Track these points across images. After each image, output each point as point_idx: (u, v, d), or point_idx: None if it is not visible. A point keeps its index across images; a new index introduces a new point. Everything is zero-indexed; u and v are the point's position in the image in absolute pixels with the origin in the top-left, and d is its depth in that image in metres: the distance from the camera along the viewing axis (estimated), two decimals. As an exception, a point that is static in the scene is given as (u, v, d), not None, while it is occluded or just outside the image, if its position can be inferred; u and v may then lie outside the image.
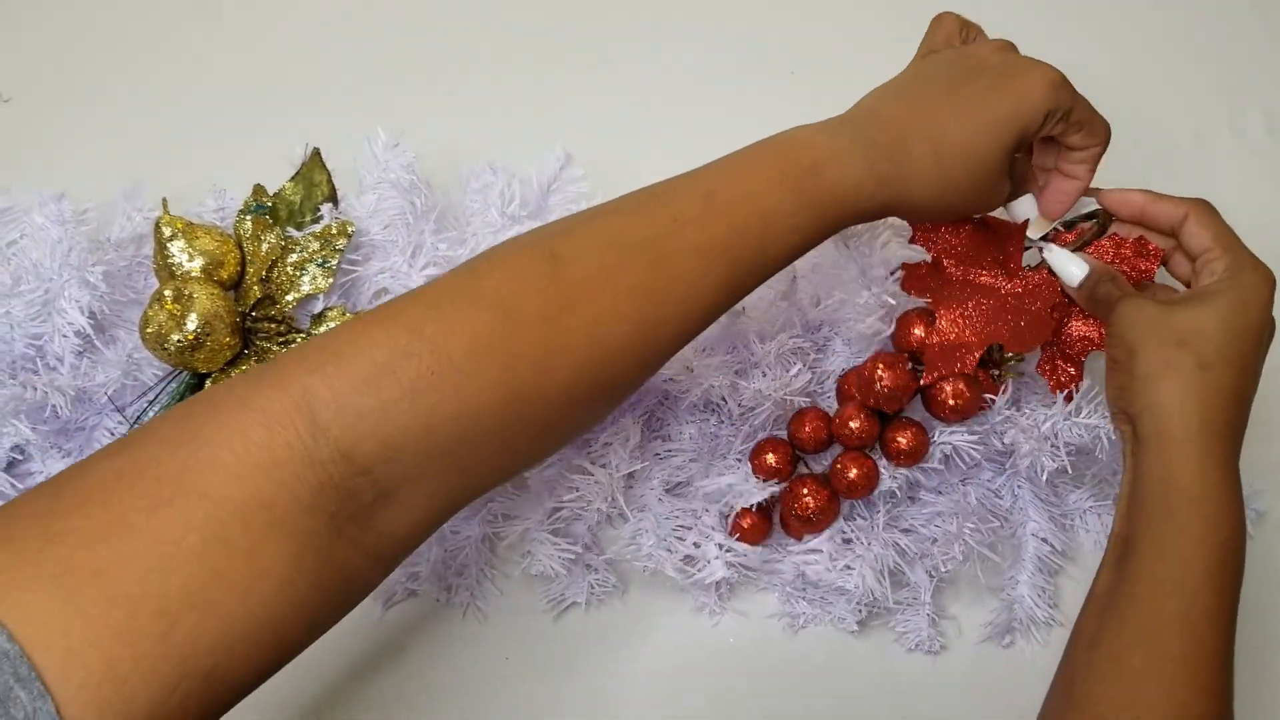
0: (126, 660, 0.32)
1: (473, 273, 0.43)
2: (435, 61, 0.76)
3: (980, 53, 0.53)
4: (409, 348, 0.39)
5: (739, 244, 0.46)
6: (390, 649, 0.63)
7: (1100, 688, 0.47)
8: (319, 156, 0.64)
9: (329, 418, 0.37)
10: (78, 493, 0.35)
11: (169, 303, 0.58)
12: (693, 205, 0.46)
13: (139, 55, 0.76)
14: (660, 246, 0.45)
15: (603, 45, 0.77)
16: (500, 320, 0.41)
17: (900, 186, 0.49)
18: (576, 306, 0.42)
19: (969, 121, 0.50)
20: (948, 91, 0.51)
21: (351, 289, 0.63)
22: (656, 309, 0.44)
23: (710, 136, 0.72)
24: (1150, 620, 0.47)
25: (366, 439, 0.38)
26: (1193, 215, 0.54)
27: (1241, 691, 0.50)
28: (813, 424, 0.60)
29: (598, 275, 0.43)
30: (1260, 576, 0.66)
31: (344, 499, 0.38)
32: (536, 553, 0.59)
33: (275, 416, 0.37)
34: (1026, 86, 0.50)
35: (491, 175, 0.65)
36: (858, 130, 0.50)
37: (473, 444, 0.41)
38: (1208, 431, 0.48)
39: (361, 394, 0.38)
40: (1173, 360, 0.49)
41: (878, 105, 0.52)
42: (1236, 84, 0.77)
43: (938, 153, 0.49)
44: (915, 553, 0.61)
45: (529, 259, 0.44)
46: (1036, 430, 0.56)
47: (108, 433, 0.62)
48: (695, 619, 0.64)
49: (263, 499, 0.36)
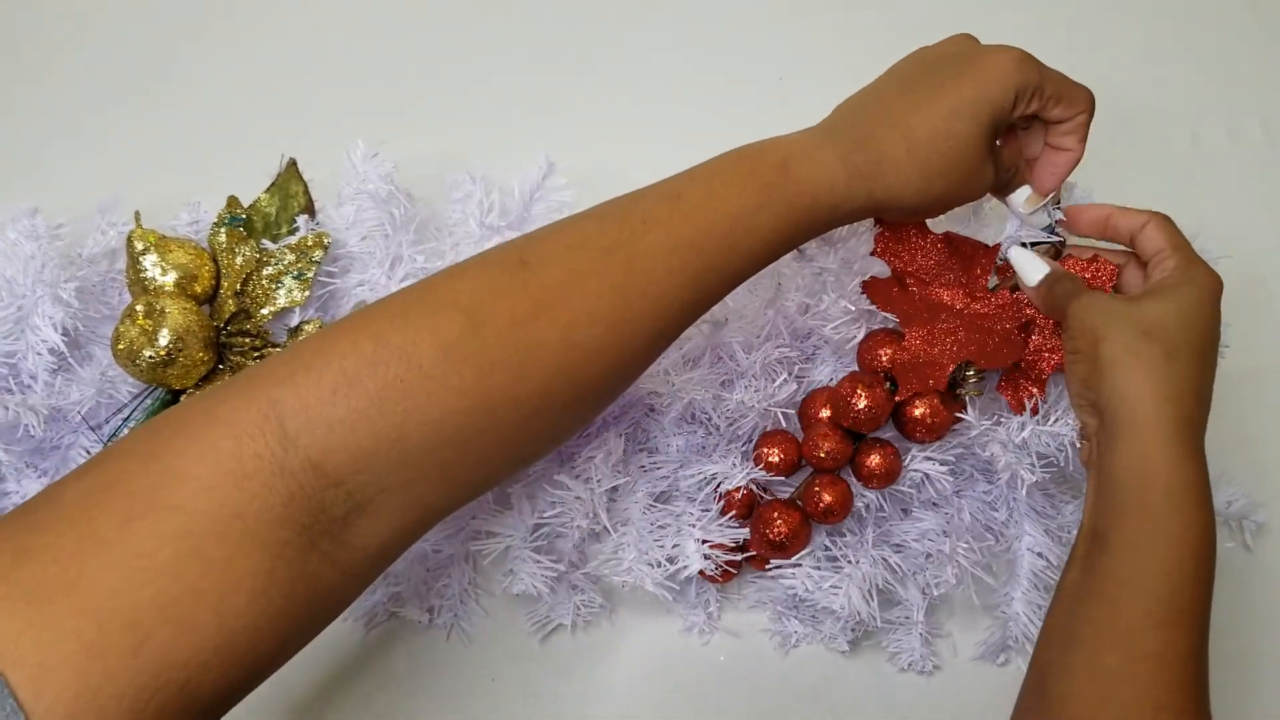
0: (98, 675, 0.32)
1: (441, 280, 0.43)
2: (417, 71, 0.75)
3: (942, 46, 0.53)
4: (376, 356, 0.39)
5: (708, 243, 0.46)
6: (373, 672, 0.61)
7: (1076, 689, 0.46)
8: (295, 168, 0.62)
9: (298, 428, 0.37)
10: (49, 511, 0.35)
11: (141, 318, 0.57)
12: (661, 207, 0.46)
13: (113, 68, 0.75)
14: (629, 248, 0.44)
15: (588, 52, 0.76)
16: (469, 326, 0.41)
17: (877, 180, 0.49)
18: (547, 310, 0.42)
19: (936, 109, 0.50)
20: (913, 85, 0.51)
21: (329, 301, 0.61)
22: (628, 310, 0.44)
23: (697, 143, 0.71)
24: (1125, 620, 0.46)
25: (336, 449, 0.38)
26: (1152, 222, 0.55)
27: (1241, 701, 0.49)
28: (782, 447, 0.58)
29: (567, 278, 0.43)
30: (1259, 588, 0.65)
31: (316, 511, 0.37)
32: (519, 571, 0.57)
33: (244, 428, 0.37)
34: (988, 66, 0.50)
35: (471, 184, 0.63)
36: (829, 129, 0.51)
37: (446, 452, 0.40)
38: (1179, 419, 0.48)
39: (330, 404, 0.38)
40: (1139, 349, 0.49)
41: (848, 108, 0.53)
42: (1233, 88, 0.76)
43: (910, 143, 0.49)
44: (907, 570, 0.59)
45: (498, 265, 0.44)
46: (1013, 442, 0.56)
47: (84, 451, 0.61)
48: (685, 639, 0.62)
49: (234, 510, 0.35)
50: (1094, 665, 0.46)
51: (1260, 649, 0.64)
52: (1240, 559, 0.65)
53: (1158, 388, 0.48)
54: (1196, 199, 0.59)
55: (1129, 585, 0.47)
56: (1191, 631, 0.46)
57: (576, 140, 0.70)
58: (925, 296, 0.57)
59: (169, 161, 0.71)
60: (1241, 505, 0.63)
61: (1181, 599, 0.46)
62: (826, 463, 0.57)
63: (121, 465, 0.36)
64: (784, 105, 0.73)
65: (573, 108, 0.74)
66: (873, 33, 0.75)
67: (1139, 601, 0.46)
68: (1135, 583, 0.46)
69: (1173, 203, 0.59)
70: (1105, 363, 0.49)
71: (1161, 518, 0.47)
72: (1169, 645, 0.46)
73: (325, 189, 0.63)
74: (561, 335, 0.42)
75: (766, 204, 0.47)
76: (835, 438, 0.57)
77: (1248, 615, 0.64)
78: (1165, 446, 0.47)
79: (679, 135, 0.72)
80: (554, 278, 0.43)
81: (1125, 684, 0.45)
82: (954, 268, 0.58)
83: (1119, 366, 0.49)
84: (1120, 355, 0.49)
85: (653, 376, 0.57)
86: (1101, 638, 0.46)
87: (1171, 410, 0.48)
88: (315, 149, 0.63)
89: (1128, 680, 0.45)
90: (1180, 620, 0.46)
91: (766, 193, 0.47)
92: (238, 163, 0.68)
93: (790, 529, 0.57)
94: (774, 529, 0.57)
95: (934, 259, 0.58)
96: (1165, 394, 0.48)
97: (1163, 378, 0.48)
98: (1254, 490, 0.64)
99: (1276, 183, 0.73)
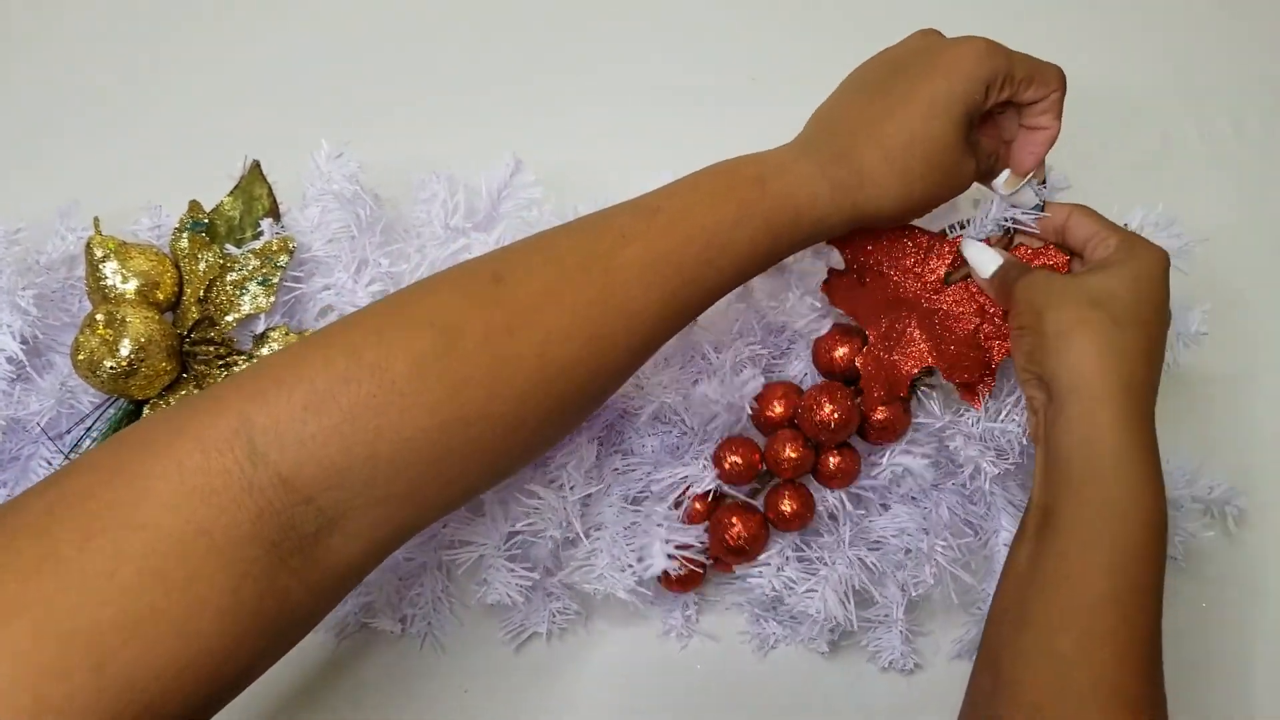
0: (59, 697, 0.31)
1: (414, 295, 0.43)
2: (383, 71, 0.74)
3: (906, 44, 0.53)
4: (348, 373, 0.38)
5: (684, 258, 0.45)
6: (344, 684, 0.60)
7: (1030, 672, 0.46)
8: (259, 170, 0.61)
9: (267, 444, 0.37)
10: (8, 528, 0.34)
11: (101, 327, 0.55)
12: (637, 222, 0.46)
13: (71, 71, 0.73)
14: (605, 263, 0.44)
15: (557, 52, 0.75)
16: (443, 342, 0.40)
17: (859, 192, 0.49)
18: (522, 325, 0.42)
19: (908, 112, 0.50)
20: (883, 89, 0.51)
21: (295, 307, 0.60)
22: (604, 325, 0.43)
23: (668, 143, 0.71)
24: (1078, 600, 0.46)
25: (307, 465, 0.37)
26: (1075, 211, 0.56)
27: (1215, 696, 0.49)
28: (741, 452, 0.57)
29: (542, 293, 0.43)
30: (1238, 582, 0.65)
31: (285, 528, 0.37)
32: (493, 580, 0.56)
33: (212, 443, 0.36)
34: (954, 61, 0.50)
35: (437, 184, 0.62)
36: (806, 143, 0.51)
37: (419, 469, 0.40)
38: (1128, 387, 0.48)
39: (301, 420, 0.37)
40: (1087, 318, 0.49)
41: (821, 119, 0.53)
42: (1204, 88, 0.76)
43: (885, 151, 0.49)
44: (885, 568, 0.59)
45: (471, 280, 0.43)
46: (975, 434, 0.56)
47: (44, 463, 0.60)
48: (662, 644, 0.62)
49: (200, 526, 0.35)
50: (1048, 649, 0.46)
51: (1240, 636, 0.64)
52: (1221, 547, 0.65)
53: (1105, 355, 0.48)
54: (1168, 197, 0.59)
55: (1080, 563, 0.46)
56: (1145, 610, 0.46)
57: (546, 140, 0.69)
58: (884, 293, 0.57)
59: (129, 166, 0.70)
60: (1222, 491, 0.63)
61: (1133, 575, 0.46)
62: (788, 470, 0.56)
63: (85, 480, 0.36)
64: (755, 106, 0.72)
65: (542, 108, 0.73)
66: (843, 32, 0.74)
67: (1091, 580, 0.46)
68: (1086, 560, 0.46)
69: (1144, 201, 0.59)
70: (1051, 335, 0.49)
71: (1111, 488, 0.47)
72: (1123, 623, 0.45)
73: (289, 191, 0.62)
74: (536, 351, 0.42)
75: (743, 219, 0.47)
76: (799, 444, 0.56)
77: (1223, 610, 0.64)
78: (1113, 411, 0.47)
79: (650, 134, 0.72)
80: (528, 293, 0.42)
81: (1080, 668, 0.45)
82: (912, 259, 0.58)
83: (1064, 337, 0.49)
84: (1066, 326, 0.49)
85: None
86: (1053, 619, 0.46)
87: (1117, 378, 0.47)
88: (277, 151, 0.62)
89: (1083, 664, 0.45)
90: (1133, 598, 0.46)
91: (743, 208, 0.47)
92: (199, 166, 0.66)
93: (749, 532, 0.56)
94: (731, 533, 0.56)
95: (892, 251, 0.58)
96: (1112, 361, 0.48)
97: (1109, 345, 0.48)
98: (1234, 478, 0.64)
99: (1247, 181, 0.73)
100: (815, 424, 0.55)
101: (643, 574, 0.56)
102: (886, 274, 0.58)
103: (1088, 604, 0.46)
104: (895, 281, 0.58)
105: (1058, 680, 0.45)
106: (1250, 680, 0.63)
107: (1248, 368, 0.69)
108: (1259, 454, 0.67)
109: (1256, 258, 0.71)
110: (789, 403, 0.57)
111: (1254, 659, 0.64)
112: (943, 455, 0.59)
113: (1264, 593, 0.65)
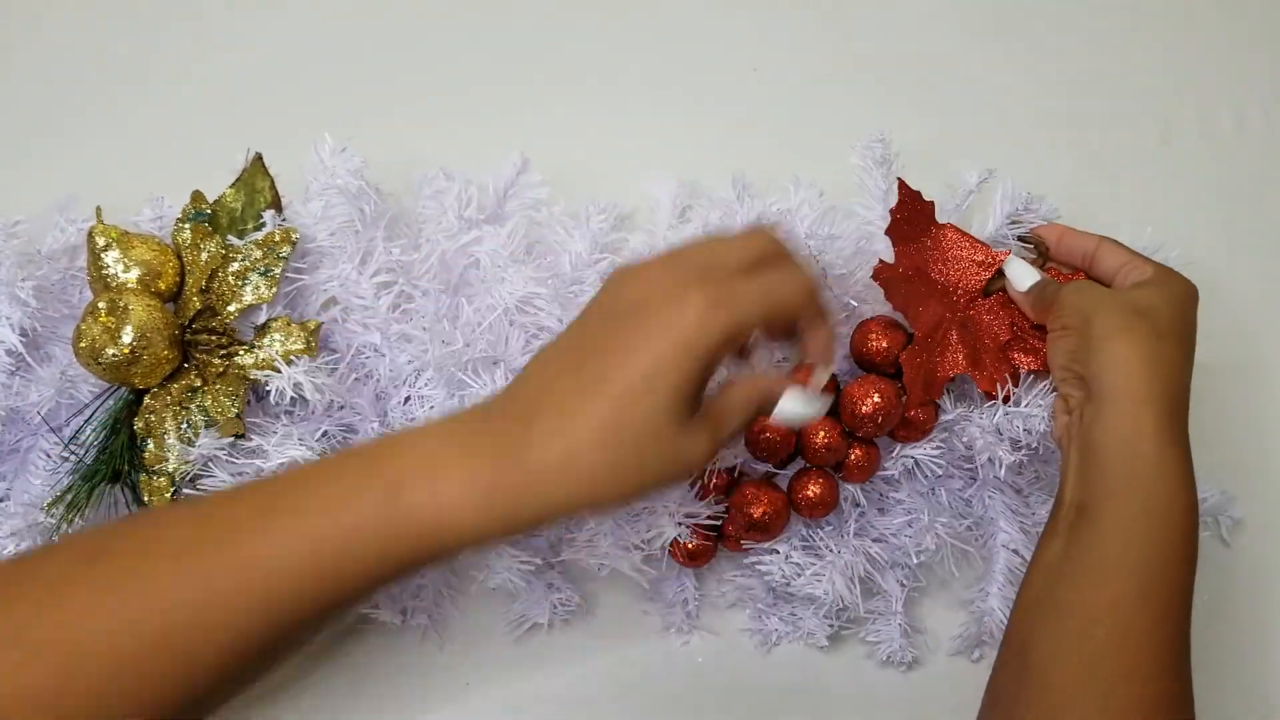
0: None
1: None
2: (385, 64, 0.74)
3: (607, 300, 0.44)
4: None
5: (288, 573, 0.39)
6: (345, 675, 0.60)
7: (1059, 661, 0.46)
8: (261, 162, 0.61)
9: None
10: None
11: (103, 315, 0.55)
12: (240, 525, 0.41)
13: (71, 62, 0.73)
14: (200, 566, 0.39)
15: (559, 46, 0.75)
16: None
17: (522, 501, 0.41)
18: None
19: (605, 397, 0.40)
20: (570, 368, 0.42)
21: (297, 298, 0.60)
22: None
23: (671, 137, 0.71)
24: (1113, 592, 0.46)
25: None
26: (1105, 243, 0.57)
27: (1216, 699, 0.49)
28: (777, 431, 0.57)
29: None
30: (1237, 585, 0.65)
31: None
32: (495, 565, 0.56)
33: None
34: (662, 330, 0.41)
35: (446, 181, 0.62)
36: (481, 426, 0.42)
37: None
38: (1167, 396, 0.49)
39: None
40: (1133, 325, 0.50)
41: (522, 384, 0.44)
42: (1205, 81, 0.76)
43: (569, 447, 0.40)
44: (886, 561, 0.59)
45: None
46: (990, 424, 0.57)
47: (43, 454, 0.59)
48: (663, 639, 0.62)
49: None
50: (1079, 639, 0.46)
51: (1237, 643, 0.64)
52: (1217, 554, 0.65)
53: (1148, 362, 0.49)
54: (1167, 194, 0.60)
55: (1117, 557, 0.47)
56: (1178, 610, 0.47)
57: (547, 137, 0.69)
58: (930, 294, 0.58)
59: (129, 157, 0.69)
60: (1216, 500, 0.63)
61: (1169, 575, 0.46)
62: (822, 457, 0.57)
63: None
64: (757, 96, 0.73)
65: (542, 104, 0.73)
66: (845, 21, 0.74)
67: (1128, 575, 0.46)
68: (1124, 555, 0.46)
69: (1143, 197, 0.59)
70: (1097, 336, 0.50)
71: (1151, 487, 0.47)
72: (1157, 622, 0.46)
73: (290, 185, 0.62)
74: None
75: (366, 531, 0.40)
76: (835, 432, 0.57)
77: (1220, 611, 0.64)
78: (1156, 414, 0.48)
79: (653, 128, 0.72)
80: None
81: (1111, 660, 0.45)
82: (960, 268, 0.59)
83: (1111, 339, 0.50)
84: (1113, 330, 0.50)
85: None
86: (1088, 609, 0.46)
87: (1160, 386, 0.48)
88: (278, 143, 0.62)
89: (1115, 656, 0.45)
90: (1168, 597, 0.46)
91: (367, 520, 0.40)
92: (200, 157, 0.67)
93: (774, 509, 0.56)
94: (756, 509, 0.56)
95: (945, 256, 0.59)
96: (1155, 369, 0.49)
97: (1153, 352, 0.49)
98: (1227, 488, 0.64)
99: (1247, 177, 0.74)
100: (859, 416, 0.56)
101: (651, 546, 0.56)
102: (934, 278, 0.59)
103: (1123, 598, 0.46)
104: (940, 286, 0.59)
105: (1089, 667, 0.45)
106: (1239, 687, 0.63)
107: (1247, 362, 0.69)
108: (1261, 454, 0.68)
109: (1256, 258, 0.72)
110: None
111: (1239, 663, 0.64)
112: (942, 457, 0.59)
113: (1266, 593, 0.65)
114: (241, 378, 0.57)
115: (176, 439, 0.56)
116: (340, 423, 0.59)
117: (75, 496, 0.56)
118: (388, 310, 0.58)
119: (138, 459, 0.57)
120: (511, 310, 0.57)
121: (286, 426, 0.57)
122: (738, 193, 0.64)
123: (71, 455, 0.57)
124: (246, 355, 0.57)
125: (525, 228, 0.61)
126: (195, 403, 0.57)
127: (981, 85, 0.73)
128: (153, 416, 0.57)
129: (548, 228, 0.62)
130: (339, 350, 0.59)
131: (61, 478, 0.57)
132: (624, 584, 0.60)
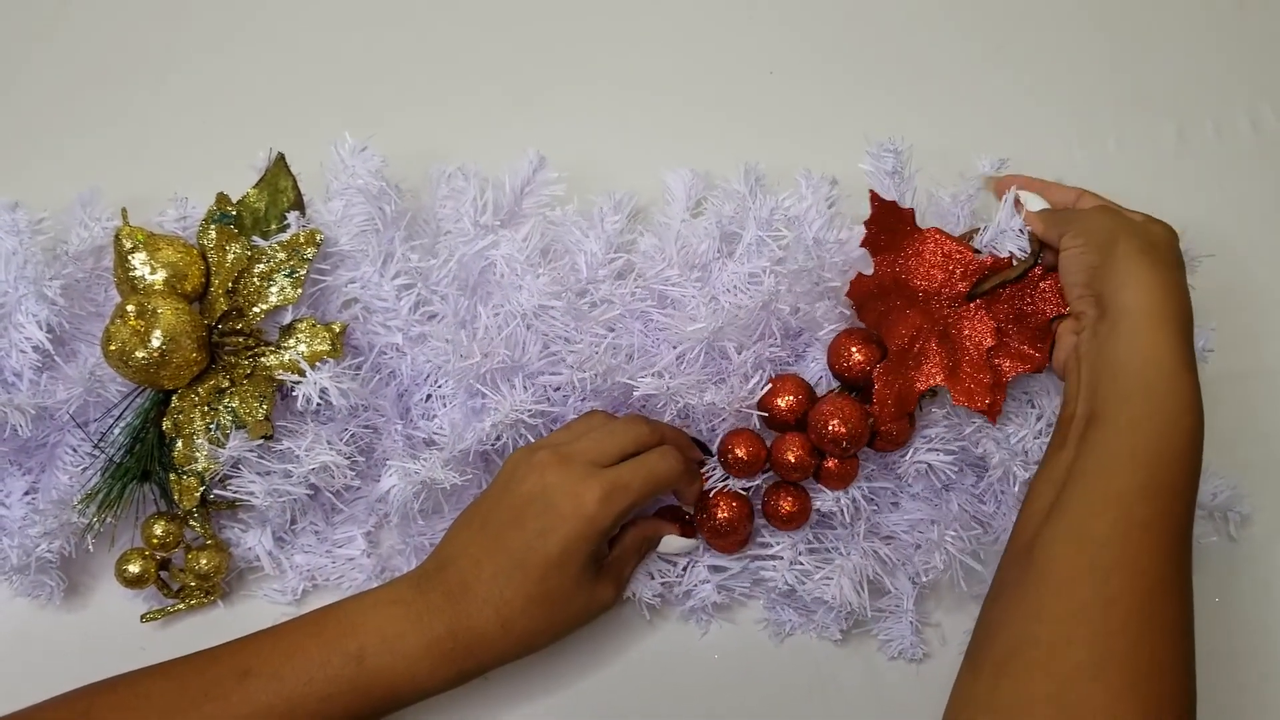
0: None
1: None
2: (404, 62, 0.74)
3: (525, 487, 0.53)
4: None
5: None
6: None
7: (1061, 553, 0.47)
8: (284, 162, 0.62)
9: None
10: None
11: (132, 318, 0.56)
12: (225, 683, 0.48)
13: (94, 56, 0.73)
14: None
15: (577, 45, 0.75)
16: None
17: (469, 659, 0.51)
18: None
19: (529, 575, 0.51)
20: (497, 547, 0.52)
21: (320, 300, 0.61)
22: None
23: (688, 136, 0.72)
24: (1117, 487, 0.48)
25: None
26: (1085, 195, 0.60)
27: (1220, 697, 0.50)
28: (747, 447, 0.58)
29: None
30: (1239, 583, 0.66)
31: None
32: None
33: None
34: (570, 513, 0.51)
35: (463, 180, 0.63)
36: (423, 599, 0.51)
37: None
38: (1181, 320, 0.52)
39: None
40: (1149, 251, 0.53)
41: (443, 560, 0.53)
42: (1221, 83, 0.76)
43: (504, 618, 0.51)
44: (897, 560, 0.60)
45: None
46: (1009, 444, 0.58)
47: (70, 450, 0.60)
48: (680, 629, 0.62)
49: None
50: (1081, 531, 0.47)
51: (1243, 640, 0.65)
52: (1224, 551, 0.66)
53: (1164, 285, 0.52)
54: (1184, 195, 0.60)
55: (1122, 455, 0.49)
56: (1183, 504, 0.48)
57: (563, 136, 0.70)
58: (908, 304, 0.58)
59: (149, 154, 0.70)
60: (1226, 497, 0.64)
61: (1175, 473, 0.48)
62: (790, 473, 0.57)
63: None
64: (775, 99, 0.73)
65: (560, 103, 0.73)
66: (863, 24, 0.74)
67: (1134, 473, 0.48)
68: (1130, 455, 0.48)
69: (1160, 198, 0.59)
70: (1120, 255, 0.53)
71: (1164, 397, 0.49)
72: (1160, 516, 0.47)
73: (310, 183, 0.62)
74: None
75: (335, 695, 0.48)
76: (804, 450, 0.57)
77: (1224, 610, 0.65)
78: (1171, 332, 0.51)
79: (670, 128, 0.72)
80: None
81: (1112, 548, 0.46)
82: (942, 273, 0.59)
83: (1133, 260, 0.53)
84: (1135, 252, 0.53)
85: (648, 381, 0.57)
86: (1093, 505, 0.48)
87: (1174, 309, 0.52)
88: (295, 141, 0.62)
89: (1116, 545, 0.46)
90: (1173, 493, 0.48)
91: (335, 684, 0.48)
92: (218, 155, 0.67)
93: (731, 516, 0.58)
94: (719, 516, 0.58)
95: (924, 263, 0.59)
96: (1171, 295, 0.52)
97: (1167, 278, 0.53)
98: (1239, 483, 0.65)
99: (1265, 179, 0.74)
100: (827, 439, 0.56)
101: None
102: (915, 286, 0.59)
103: (1128, 492, 0.47)
104: (922, 294, 0.59)
105: (1087, 558, 0.46)
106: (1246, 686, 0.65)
107: (1265, 367, 0.70)
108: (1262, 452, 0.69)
109: (1272, 260, 0.72)
110: (799, 399, 0.58)
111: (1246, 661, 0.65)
112: (956, 459, 0.60)
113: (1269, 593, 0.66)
114: (269, 379, 0.58)
115: (205, 439, 0.57)
116: (365, 424, 0.60)
117: (106, 495, 0.57)
118: (408, 312, 0.59)
119: (166, 458, 0.58)
120: (529, 316, 0.58)
121: (314, 428, 0.58)
122: (750, 186, 0.65)
123: (100, 454, 0.58)
124: (273, 356, 0.58)
125: (541, 229, 0.62)
126: (223, 403, 0.58)
127: (996, 89, 0.74)
128: (181, 417, 0.58)
129: (563, 227, 0.62)
130: (361, 350, 0.60)
131: (89, 474, 0.59)
132: (638, 574, 0.61)
